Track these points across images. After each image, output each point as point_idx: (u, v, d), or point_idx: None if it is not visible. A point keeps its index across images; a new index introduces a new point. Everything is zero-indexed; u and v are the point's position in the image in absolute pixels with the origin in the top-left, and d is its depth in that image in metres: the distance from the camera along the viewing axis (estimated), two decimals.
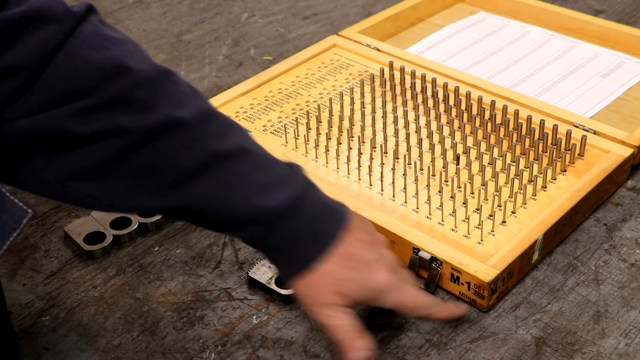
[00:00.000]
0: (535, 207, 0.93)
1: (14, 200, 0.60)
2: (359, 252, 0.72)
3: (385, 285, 0.73)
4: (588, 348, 0.80)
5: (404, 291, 0.74)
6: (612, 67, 1.24)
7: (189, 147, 0.67)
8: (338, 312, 0.72)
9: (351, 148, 1.02)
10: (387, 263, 0.74)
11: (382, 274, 0.73)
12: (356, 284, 0.72)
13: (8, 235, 0.59)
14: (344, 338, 0.71)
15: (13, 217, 0.59)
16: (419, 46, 1.33)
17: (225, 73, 1.30)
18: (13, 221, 0.59)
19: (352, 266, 0.72)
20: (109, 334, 0.83)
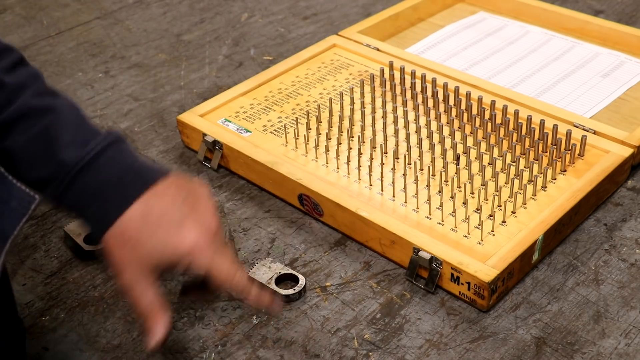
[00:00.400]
0: (535, 207, 0.93)
1: (21, 187, 0.61)
2: (165, 212, 0.68)
3: (192, 246, 0.67)
4: (588, 348, 0.80)
5: (215, 258, 0.68)
6: (612, 67, 1.24)
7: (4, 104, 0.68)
8: (141, 283, 0.68)
9: (351, 148, 1.02)
10: (202, 224, 0.68)
11: (191, 235, 0.67)
12: (158, 245, 0.67)
13: (18, 220, 0.61)
14: (145, 315, 0.68)
15: (22, 203, 0.61)
16: (419, 46, 1.33)
17: (225, 73, 1.30)
18: (22, 207, 0.61)
19: (153, 227, 0.67)
20: (109, 334, 0.83)
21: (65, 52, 1.38)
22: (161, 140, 1.14)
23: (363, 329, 0.83)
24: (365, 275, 0.90)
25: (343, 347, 0.81)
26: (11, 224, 0.60)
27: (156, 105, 1.23)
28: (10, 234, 0.60)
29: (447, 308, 0.85)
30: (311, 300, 0.86)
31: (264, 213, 0.99)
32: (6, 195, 0.61)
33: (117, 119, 1.19)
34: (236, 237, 0.95)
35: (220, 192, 1.03)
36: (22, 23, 1.48)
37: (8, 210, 0.61)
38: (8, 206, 0.61)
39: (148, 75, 1.30)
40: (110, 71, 1.32)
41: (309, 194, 0.96)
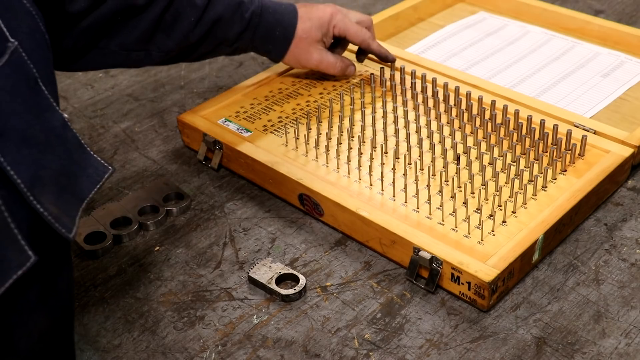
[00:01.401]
0: (536, 207, 0.93)
1: (97, 158, 0.69)
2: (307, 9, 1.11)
3: (330, 15, 1.11)
4: (588, 348, 0.80)
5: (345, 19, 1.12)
6: (612, 67, 1.24)
7: None
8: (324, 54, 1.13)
9: (351, 148, 1.02)
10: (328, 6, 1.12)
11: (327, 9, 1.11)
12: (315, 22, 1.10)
13: (93, 186, 0.68)
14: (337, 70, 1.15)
15: (97, 172, 0.69)
16: (419, 46, 1.33)
17: (225, 73, 1.30)
18: (97, 175, 0.69)
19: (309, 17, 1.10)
20: (109, 334, 0.83)
21: None
22: (161, 140, 1.14)
23: (363, 329, 0.83)
24: (365, 275, 0.90)
25: (343, 347, 0.81)
26: (87, 188, 0.68)
27: (156, 105, 1.23)
28: (86, 196, 0.67)
29: (447, 308, 0.85)
30: (311, 300, 0.86)
31: (264, 213, 0.99)
32: (85, 164, 0.68)
33: (117, 119, 1.19)
34: (236, 237, 0.95)
35: (220, 192, 1.03)
36: None
37: (85, 176, 0.68)
38: (86, 172, 0.68)
39: (148, 75, 1.30)
40: (110, 71, 1.32)
41: (310, 193, 0.96)
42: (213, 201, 1.02)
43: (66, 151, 0.66)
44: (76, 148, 0.68)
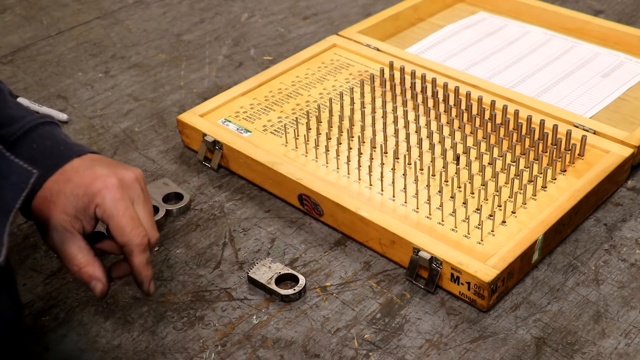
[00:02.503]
0: (535, 207, 0.93)
1: (19, 163, 0.64)
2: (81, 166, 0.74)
3: (101, 187, 0.72)
4: (588, 348, 0.80)
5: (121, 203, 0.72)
6: (612, 67, 1.24)
7: None
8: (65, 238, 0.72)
9: (351, 148, 1.02)
10: (115, 173, 0.74)
11: (101, 179, 0.73)
12: (73, 190, 0.72)
13: (19, 194, 0.63)
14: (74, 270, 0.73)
15: (21, 178, 0.63)
16: (419, 46, 1.33)
17: (225, 73, 1.30)
18: (21, 181, 0.63)
19: (69, 177, 0.73)
20: (109, 334, 0.83)
21: (65, 52, 1.38)
22: (161, 140, 1.14)
23: (363, 329, 0.83)
24: (365, 275, 0.90)
25: (343, 347, 0.81)
26: (12, 199, 0.62)
27: (156, 105, 1.23)
28: (12, 207, 0.62)
29: (447, 308, 0.85)
30: (311, 300, 0.86)
31: (264, 213, 0.99)
32: (6, 171, 0.63)
33: (117, 119, 1.19)
34: (236, 237, 0.95)
35: (220, 192, 1.03)
36: (22, 23, 1.48)
37: (9, 185, 0.63)
38: (9, 181, 0.63)
39: (148, 75, 1.30)
40: (110, 71, 1.32)
41: (309, 194, 0.96)
42: (213, 201, 1.02)
43: None
44: None
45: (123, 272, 0.78)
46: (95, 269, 0.73)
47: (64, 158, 0.74)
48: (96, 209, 0.72)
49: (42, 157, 0.74)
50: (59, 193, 0.72)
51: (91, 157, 0.76)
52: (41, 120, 0.76)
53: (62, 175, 0.73)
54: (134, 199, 0.74)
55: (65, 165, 0.73)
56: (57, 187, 0.72)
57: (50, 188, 0.72)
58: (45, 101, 1.23)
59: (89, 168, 0.73)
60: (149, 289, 0.76)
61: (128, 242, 0.73)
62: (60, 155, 0.74)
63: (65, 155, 0.74)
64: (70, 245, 0.72)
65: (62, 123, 1.18)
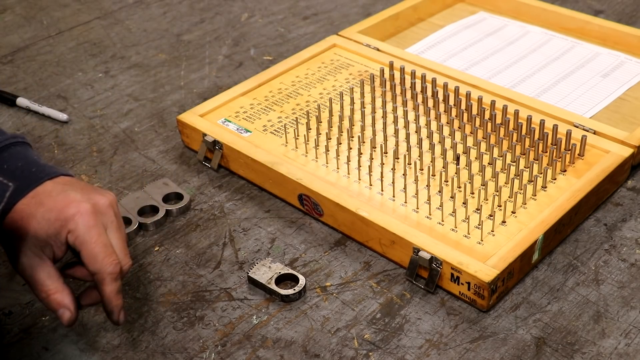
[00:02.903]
0: (535, 207, 0.93)
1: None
2: (53, 189, 0.71)
3: (74, 212, 0.69)
4: (588, 348, 0.80)
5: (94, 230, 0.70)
6: (612, 67, 1.24)
7: None
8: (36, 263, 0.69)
9: (351, 148, 1.02)
10: (89, 198, 0.71)
11: (75, 204, 0.70)
12: (45, 214, 0.69)
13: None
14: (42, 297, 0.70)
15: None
16: (419, 46, 1.33)
17: (225, 73, 1.30)
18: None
19: (41, 201, 0.70)
20: (109, 334, 0.83)
21: (65, 52, 1.38)
22: (161, 140, 1.14)
23: (363, 329, 0.83)
24: (365, 275, 0.90)
25: (343, 347, 0.81)
26: None
27: (156, 105, 1.23)
28: None
29: (447, 308, 0.85)
30: (311, 300, 0.86)
31: (264, 213, 0.99)
32: None
33: (117, 119, 1.19)
34: (236, 237, 0.95)
35: (220, 192, 1.03)
36: (22, 23, 1.48)
37: None
38: None
39: (148, 75, 1.30)
40: (110, 71, 1.32)
41: (309, 194, 0.96)
42: (213, 201, 1.02)
43: None
44: None
45: (93, 300, 0.76)
46: (64, 297, 0.70)
47: (36, 180, 0.71)
48: (68, 235, 0.70)
49: (13, 179, 0.71)
50: (30, 217, 0.69)
51: (64, 180, 0.73)
52: (13, 141, 0.74)
53: (34, 198, 0.70)
54: (107, 225, 0.72)
55: (37, 188, 0.71)
56: (28, 210, 0.69)
57: (21, 211, 0.69)
58: (45, 101, 1.23)
59: (61, 192, 0.70)
60: (118, 319, 0.74)
61: (100, 270, 0.70)
62: (32, 176, 0.71)
63: (37, 177, 0.72)
64: (39, 271, 0.69)
65: (62, 123, 1.18)
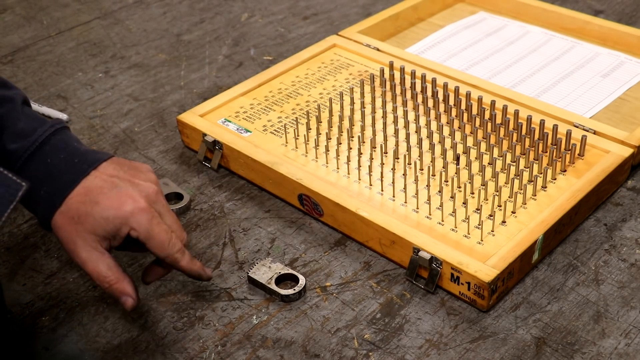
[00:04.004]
0: (535, 207, 0.93)
1: (8, 175, 0.63)
2: (106, 184, 0.73)
3: (131, 210, 0.73)
4: (588, 348, 0.80)
5: (153, 221, 0.74)
6: (612, 67, 1.24)
7: None
8: (94, 254, 0.73)
9: (351, 148, 1.02)
10: (140, 191, 0.74)
11: (130, 200, 0.73)
12: (102, 213, 0.72)
13: (6, 207, 0.62)
14: (106, 285, 0.74)
15: (9, 190, 0.63)
16: (419, 46, 1.33)
17: (225, 73, 1.30)
18: (9, 194, 0.63)
19: (96, 198, 0.72)
20: (109, 334, 0.83)
21: (65, 52, 1.38)
22: (161, 140, 1.14)
23: (363, 329, 0.83)
24: (365, 275, 0.90)
25: (343, 347, 0.81)
26: None
27: (156, 105, 1.23)
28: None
29: (447, 308, 0.85)
30: (311, 300, 0.86)
31: (264, 213, 0.99)
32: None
33: (117, 119, 1.19)
34: (236, 237, 0.95)
35: (220, 192, 1.03)
36: (22, 23, 1.48)
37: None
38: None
39: (148, 75, 1.30)
40: (110, 71, 1.32)
41: (309, 194, 0.96)
42: (213, 201, 1.02)
43: None
44: None
45: (157, 276, 0.81)
46: (125, 285, 0.74)
47: (81, 172, 0.74)
48: (131, 232, 0.74)
49: (58, 173, 0.73)
50: (87, 215, 0.72)
51: (109, 170, 0.75)
52: (52, 130, 0.75)
53: (87, 195, 0.72)
54: (160, 211, 0.76)
55: (85, 182, 0.73)
56: (85, 209, 0.72)
57: (77, 209, 0.72)
58: (45, 101, 1.23)
59: (113, 187, 0.73)
60: (207, 275, 0.81)
61: (169, 254, 0.76)
62: (76, 169, 0.74)
63: (81, 169, 0.74)
64: (99, 264, 0.73)
65: None
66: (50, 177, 0.73)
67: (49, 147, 0.74)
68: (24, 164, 0.73)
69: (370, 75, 1.14)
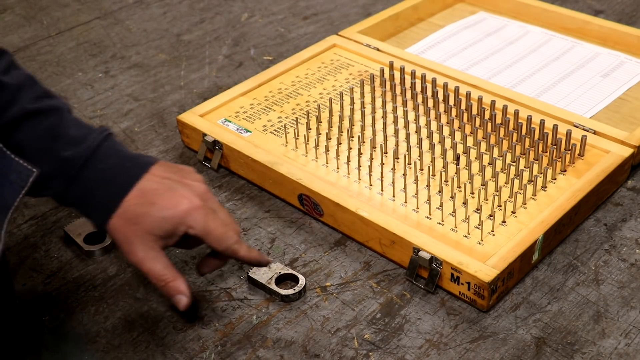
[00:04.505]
0: (535, 207, 0.93)
1: (19, 161, 0.65)
2: (159, 186, 0.76)
3: (187, 208, 0.75)
4: (588, 348, 0.80)
5: (209, 217, 0.76)
6: (612, 67, 1.24)
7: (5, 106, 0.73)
8: (150, 254, 0.75)
9: (351, 148, 1.02)
10: (192, 190, 0.77)
11: (184, 199, 0.75)
12: (158, 214, 0.74)
13: (17, 193, 0.64)
14: (162, 284, 0.76)
15: (20, 176, 0.64)
16: (419, 46, 1.32)
17: (225, 73, 1.30)
18: (21, 180, 0.64)
19: (152, 200, 0.75)
20: (109, 334, 0.83)
21: (65, 52, 1.38)
22: (161, 140, 1.14)
23: (363, 329, 0.83)
24: (365, 275, 0.90)
25: (343, 347, 0.81)
26: (11, 197, 0.64)
27: (156, 105, 1.23)
28: (10, 205, 0.63)
29: (447, 308, 0.85)
30: (311, 300, 0.86)
31: (264, 213, 0.99)
32: (6, 169, 0.64)
33: (117, 119, 1.19)
34: None
35: (220, 192, 1.03)
36: (22, 23, 1.48)
37: (8, 183, 0.64)
38: (7, 179, 0.64)
39: (148, 75, 1.30)
40: (110, 71, 1.32)
41: (309, 194, 0.96)
42: None
43: None
44: None
45: (212, 268, 0.83)
46: (180, 284, 0.76)
47: (134, 176, 0.76)
48: (189, 230, 0.76)
49: (112, 177, 0.75)
50: (144, 216, 0.74)
51: (159, 172, 0.77)
52: (102, 137, 0.77)
53: (143, 197, 0.74)
54: (213, 207, 0.78)
55: (138, 185, 0.75)
56: (142, 210, 0.74)
57: (133, 211, 0.74)
58: None
59: (168, 189, 0.76)
60: (267, 260, 0.83)
61: (228, 247, 0.78)
62: (130, 173, 0.76)
63: (134, 172, 0.76)
64: (156, 263, 0.75)
65: None
66: (105, 182, 0.75)
67: (101, 153, 0.76)
68: (79, 170, 0.74)
69: (370, 75, 1.14)
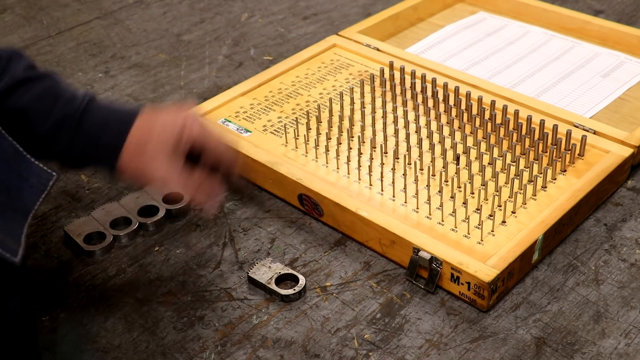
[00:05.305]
0: (535, 207, 0.93)
1: (39, 165, 0.66)
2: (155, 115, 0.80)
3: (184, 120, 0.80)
4: (588, 348, 0.80)
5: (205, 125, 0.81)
6: (612, 67, 1.24)
7: None
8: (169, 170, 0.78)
9: (351, 148, 1.02)
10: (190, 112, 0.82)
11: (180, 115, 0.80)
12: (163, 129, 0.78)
13: (37, 196, 0.65)
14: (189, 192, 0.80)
15: (40, 180, 0.66)
16: (419, 46, 1.32)
17: (225, 73, 1.30)
18: (41, 183, 0.66)
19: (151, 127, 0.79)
20: (109, 334, 0.83)
21: (65, 52, 1.38)
22: None
23: (363, 329, 0.83)
24: (365, 275, 0.90)
25: (343, 347, 0.81)
26: (31, 200, 0.65)
27: (156, 105, 1.22)
28: (30, 209, 0.64)
29: (447, 308, 0.85)
30: (311, 300, 0.86)
31: (264, 213, 0.99)
32: (26, 173, 0.65)
33: None
34: (236, 237, 0.95)
35: None
36: (22, 23, 1.48)
37: (28, 187, 0.65)
38: (28, 183, 0.65)
39: (148, 75, 1.30)
40: (110, 71, 1.32)
41: (309, 194, 0.96)
42: None
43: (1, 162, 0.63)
44: (13, 157, 0.65)
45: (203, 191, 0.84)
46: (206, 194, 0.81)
47: (133, 113, 0.79)
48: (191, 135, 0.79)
49: (112, 121, 0.78)
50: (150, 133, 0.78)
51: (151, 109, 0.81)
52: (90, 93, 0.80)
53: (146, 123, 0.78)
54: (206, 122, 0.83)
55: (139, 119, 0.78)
56: (147, 132, 0.78)
57: (139, 136, 0.78)
58: None
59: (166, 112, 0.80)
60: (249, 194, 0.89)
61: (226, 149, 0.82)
62: (128, 114, 0.79)
63: (131, 111, 0.79)
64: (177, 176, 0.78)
65: None
66: (106, 126, 0.77)
67: (95, 104, 0.78)
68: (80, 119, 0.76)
69: (370, 75, 1.14)
